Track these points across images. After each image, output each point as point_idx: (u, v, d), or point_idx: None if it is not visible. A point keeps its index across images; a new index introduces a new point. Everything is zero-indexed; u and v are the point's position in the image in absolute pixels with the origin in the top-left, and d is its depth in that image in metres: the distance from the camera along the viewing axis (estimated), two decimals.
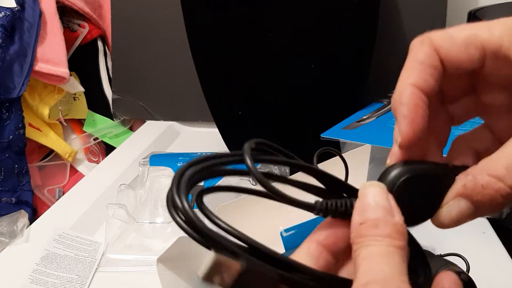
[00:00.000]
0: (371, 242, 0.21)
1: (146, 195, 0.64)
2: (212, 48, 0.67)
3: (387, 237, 0.20)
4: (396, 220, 0.21)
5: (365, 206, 0.22)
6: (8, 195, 0.71)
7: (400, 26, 0.82)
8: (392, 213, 0.21)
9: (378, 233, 0.21)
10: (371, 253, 0.20)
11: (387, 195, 0.22)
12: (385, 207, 0.21)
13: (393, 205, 0.22)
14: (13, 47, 0.72)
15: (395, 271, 0.20)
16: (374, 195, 0.22)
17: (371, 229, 0.21)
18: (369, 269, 0.20)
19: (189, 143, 0.88)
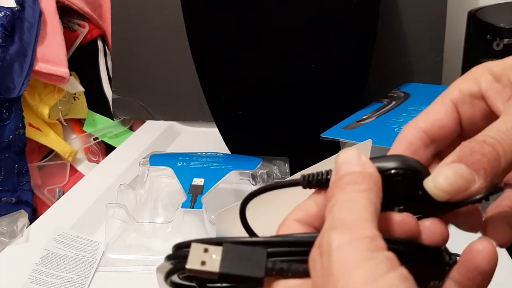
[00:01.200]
0: (336, 192, 0.21)
1: (146, 195, 0.64)
2: (212, 48, 0.67)
3: (350, 183, 0.21)
4: (364, 170, 0.22)
5: (337, 167, 0.22)
6: (8, 195, 0.71)
7: (400, 26, 0.82)
8: (362, 166, 0.22)
9: (343, 183, 0.21)
10: (335, 202, 0.21)
11: (358, 154, 0.22)
12: (354, 162, 0.22)
13: (365, 160, 0.22)
14: (13, 47, 0.72)
15: (358, 215, 0.20)
16: (345, 155, 0.23)
17: (338, 182, 0.22)
18: (331, 218, 0.20)
19: (189, 143, 0.88)
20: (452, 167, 0.22)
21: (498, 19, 0.70)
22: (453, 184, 0.22)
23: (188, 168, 0.63)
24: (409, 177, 0.22)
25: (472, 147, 0.22)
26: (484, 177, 0.22)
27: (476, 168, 0.22)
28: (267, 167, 0.64)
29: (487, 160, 0.21)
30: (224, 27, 0.65)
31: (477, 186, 0.22)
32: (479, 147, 0.22)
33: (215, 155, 0.67)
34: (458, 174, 0.22)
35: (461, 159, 0.22)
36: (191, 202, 0.57)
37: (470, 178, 0.22)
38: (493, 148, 0.21)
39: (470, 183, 0.22)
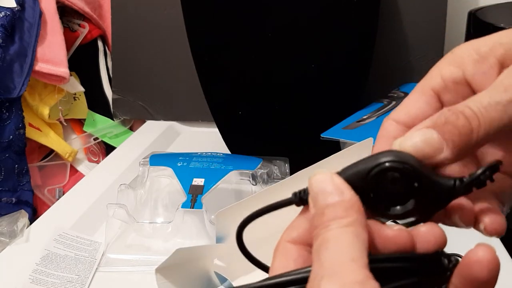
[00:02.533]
0: (320, 231, 0.20)
1: (146, 195, 0.64)
2: (212, 48, 0.67)
3: (333, 220, 0.20)
4: (343, 197, 0.20)
5: (313, 197, 0.21)
6: (8, 195, 0.71)
7: (400, 26, 0.82)
8: (340, 192, 0.21)
9: (325, 220, 0.20)
10: (320, 242, 0.20)
11: (331, 178, 0.21)
12: (330, 191, 0.21)
13: (339, 184, 0.21)
14: (13, 47, 0.72)
15: (346, 256, 0.19)
16: (318, 183, 0.21)
17: (320, 218, 0.20)
18: (319, 263, 0.19)
19: (189, 143, 0.88)
20: (423, 133, 0.21)
21: (498, 19, 0.70)
22: (419, 149, 0.21)
23: (188, 168, 0.63)
24: (403, 171, 0.21)
25: (447, 116, 0.21)
26: (451, 148, 0.21)
27: (446, 138, 0.21)
28: (267, 167, 0.64)
29: (458, 133, 0.21)
30: (224, 27, 0.65)
31: (443, 156, 0.21)
32: (455, 117, 0.21)
33: (215, 155, 0.67)
34: (426, 141, 0.21)
35: (435, 126, 0.21)
36: (191, 202, 0.57)
37: (438, 147, 0.21)
38: (468, 122, 0.21)
39: (437, 151, 0.21)
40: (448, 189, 0.21)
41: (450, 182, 0.21)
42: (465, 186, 0.21)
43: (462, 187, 0.21)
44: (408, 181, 0.21)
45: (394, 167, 0.21)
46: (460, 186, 0.21)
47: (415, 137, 0.21)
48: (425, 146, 0.21)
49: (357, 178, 0.21)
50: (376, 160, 0.21)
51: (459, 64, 0.24)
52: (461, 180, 0.21)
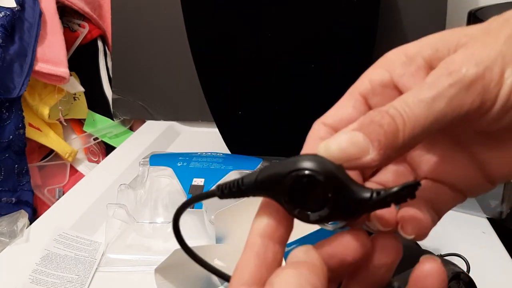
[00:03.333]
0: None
1: (146, 195, 0.64)
2: (212, 48, 0.67)
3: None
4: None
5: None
6: (8, 195, 0.71)
7: (400, 26, 0.82)
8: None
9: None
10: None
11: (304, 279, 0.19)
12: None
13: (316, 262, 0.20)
14: (13, 47, 0.72)
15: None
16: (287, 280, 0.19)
17: None
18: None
19: (189, 143, 0.88)
20: (348, 134, 0.20)
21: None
22: (343, 150, 0.20)
23: (188, 168, 0.63)
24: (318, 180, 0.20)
25: (372, 116, 0.20)
26: (378, 149, 0.20)
27: (372, 139, 0.20)
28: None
29: (384, 132, 0.20)
30: (224, 27, 0.65)
31: (369, 158, 0.20)
32: (380, 117, 0.20)
33: (215, 155, 0.67)
34: (351, 141, 0.20)
35: (361, 127, 0.20)
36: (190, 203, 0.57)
37: (364, 148, 0.20)
38: (393, 120, 0.20)
39: (362, 153, 0.20)
40: (363, 200, 0.20)
41: (367, 193, 0.20)
42: (381, 199, 0.20)
43: (378, 200, 0.20)
44: (322, 190, 0.20)
45: (309, 175, 0.20)
46: (377, 198, 0.20)
47: (341, 138, 0.20)
48: (350, 147, 0.20)
49: (274, 181, 0.21)
50: (294, 165, 0.21)
51: (388, 67, 0.23)
52: (378, 192, 0.20)
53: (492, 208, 0.61)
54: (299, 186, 0.20)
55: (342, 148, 0.20)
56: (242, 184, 0.22)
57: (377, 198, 0.20)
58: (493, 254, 0.56)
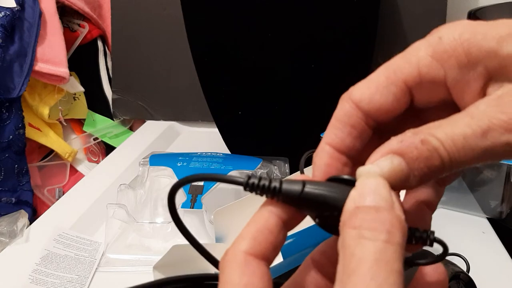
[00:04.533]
0: (366, 232, 0.17)
1: (146, 195, 0.64)
2: (212, 48, 0.67)
3: (385, 232, 0.17)
4: (396, 213, 0.18)
5: (364, 193, 0.18)
6: (8, 195, 0.71)
7: (400, 26, 0.82)
8: (392, 205, 0.18)
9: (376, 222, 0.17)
10: (363, 251, 0.17)
11: (390, 190, 0.18)
12: (387, 199, 0.18)
13: (395, 200, 0.18)
14: (13, 47, 0.72)
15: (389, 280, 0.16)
16: (375, 186, 0.18)
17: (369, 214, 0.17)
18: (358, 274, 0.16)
19: (189, 143, 0.88)
20: (390, 161, 0.19)
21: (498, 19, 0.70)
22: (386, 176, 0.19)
23: (188, 168, 0.63)
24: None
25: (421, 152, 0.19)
26: (418, 179, 0.19)
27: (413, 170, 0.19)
28: (267, 167, 0.64)
29: (429, 171, 0.19)
30: (224, 28, 0.65)
31: (408, 186, 0.19)
32: (428, 156, 0.19)
33: (215, 155, 0.67)
34: (393, 170, 0.19)
35: (403, 154, 0.19)
36: (191, 202, 0.57)
37: (406, 179, 0.19)
38: (442, 161, 0.19)
39: (403, 183, 0.19)
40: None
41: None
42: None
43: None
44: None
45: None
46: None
47: (383, 166, 0.19)
48: (392, 177, 0.19)
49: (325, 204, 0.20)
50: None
51: (443, 62, 0.20)
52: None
53: (492, 208, 0.61)
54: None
55: (385, 174, 0.19)
56: (278, 191, 0.21)
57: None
58: (493, 254, 0.56)
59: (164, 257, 0.46)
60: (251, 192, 0.21)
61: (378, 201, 0.18)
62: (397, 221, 0.17)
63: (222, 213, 0.50)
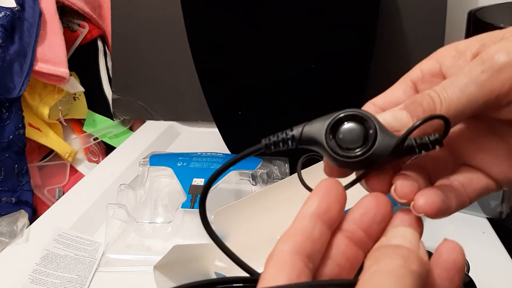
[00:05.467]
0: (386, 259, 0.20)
1: (146, 195, 0.64)
2: (212, 48, 0.67)
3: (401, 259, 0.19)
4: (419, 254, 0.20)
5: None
6: (8, 195, 0.71)
7: (400, 26, 0.82)
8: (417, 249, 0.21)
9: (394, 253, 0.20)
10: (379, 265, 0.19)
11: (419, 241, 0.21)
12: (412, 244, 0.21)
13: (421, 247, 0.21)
14: (13, 47, 0.72)
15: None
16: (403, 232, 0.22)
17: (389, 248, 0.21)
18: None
19: (189, 143, 0.88)
20: (394, 111, 0.24)
21: (498, 19, 0.70)
22: (388, 123, 0.23)
23: (188, 168, 0.63)
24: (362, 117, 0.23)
25: (415, 98, 0.24)
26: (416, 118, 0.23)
27: (412, 115, 0.23)
28: (267, 167, 0.64)
29: (423, 110, 0.23)
30: (224, 27, 0.65)
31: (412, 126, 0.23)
32: (421, 98, 0.24)
33: (215, 155, 0.67)
34: (395, 116, 0.24)
35: (405, 107, 0.24)
36: (191, 202, 0.57)
37: (405, 122, 0.23)
38: (432, 100, 0.23)
39: (403, 126, 0.23)
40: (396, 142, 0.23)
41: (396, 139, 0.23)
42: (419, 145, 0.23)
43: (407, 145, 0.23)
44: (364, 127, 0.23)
45: (353, 114, 0.24)
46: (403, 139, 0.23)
47: (386, 114, 0.24)
48: (393, 121, 0.23)
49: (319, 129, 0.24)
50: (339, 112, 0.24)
51: (438, 59, 0.26)
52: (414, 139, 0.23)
53: (492, 208, 0.61)
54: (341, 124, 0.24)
55: (387, 121, 0.23)
56: (291, 141, 0.24)
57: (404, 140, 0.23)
58: (493, 254, 0.56)
59: (165, 257, 0.46)
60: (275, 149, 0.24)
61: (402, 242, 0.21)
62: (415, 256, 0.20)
63: (222, 213, 0.50)
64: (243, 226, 0.49)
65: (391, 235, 0.22)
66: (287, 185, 0.53)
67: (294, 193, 0.46)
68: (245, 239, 0.47)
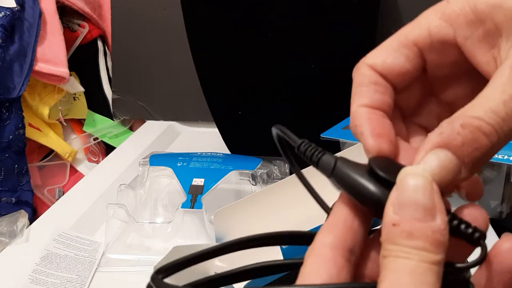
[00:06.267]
0: (401, 254, 0.17)
1: (146, 195, 0.64)
2: (212, 48, 0.67)
3: (421, 250, 0.17)
4: (436, 226, 0.17)
5: (403, 201, 0.18)
6: (8, 195, 0.71)
7: (400, 26, 0.81)
8: (433, 213, 0.17)
9: (412, 245, 0.17)
10: (400, 267, 0.17)
11: (432, 189, 0.18)
12: (426, 207, 0.17)
13: (437, 202, 0.18)
14: (13, 47, 0.72)
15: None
16: (416, 188, 0.18)
17: (404, 239, 0.17)
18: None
19: (189, 143, 0.88)
20: (437, 157, 0.19)
21: None
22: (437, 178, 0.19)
23: (188, 168, 0.63)
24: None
25: (464, 137, 0.18)
26: (470, 169, 0.19)
27: (466, 162, 0.19)
28: (267, 167, 0.64)
29: (480, 154, 0.18)
30: (224, 27, 0.65)
31: (461, 177, 0.19)
32: (473, 138, 0.18)
33: (215, 155, 0.67)
34: (443, 167, 0.18)
35: (449, 146, 0.19)
36: (191, 202, 0.57)
37: (457, 171, 0.19)
38: (489, 140, 0.18)
39: (455, 176, 0.19)
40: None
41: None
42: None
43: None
44: None
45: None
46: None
47: (431, 165, 0.19)
48: (444, 175, 0.19)
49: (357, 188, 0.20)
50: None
51: (452, 21, 0.20)
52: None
53: (492, 208, 0.61)
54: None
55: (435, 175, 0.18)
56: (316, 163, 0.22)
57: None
58: None
59: (165, 257, 0.45)
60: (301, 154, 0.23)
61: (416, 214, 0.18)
62: (432, 240, 0.17)
63: (223, 213, 0.50)
64: (244, 226, 0.49)
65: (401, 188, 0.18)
66: (288, 184, 0.53)
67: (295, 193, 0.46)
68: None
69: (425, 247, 0.17)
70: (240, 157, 0.67)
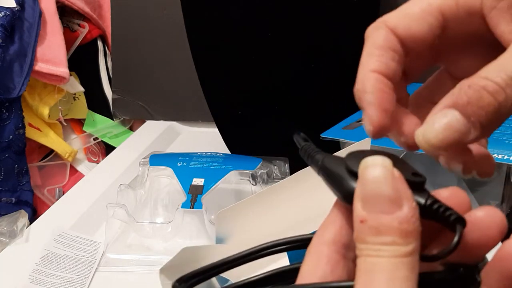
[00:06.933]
0: (371, 252, 0.17)
1: (146, 195, 0.64)
2: (212, 48, 0.67)
3: (390, 245, 0.17)
4: (402, 216, 0.17)
5: (366, 195, 0.17)
6: (8, 195, 0.71)
7: None
8: (399, 202, 0.17)
9: (380, 241, 0.17)
10: (371, 268, 0.17)
11: (393, 176, 0.17)
12: (391, 197, 0.17)
13: (401, 189, 0.17)
14: (13, 47, 0.72)
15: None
16: (377, 180, 0.17)
17: (372, 236, 0.17)
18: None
19: (189, 143, 0.88)
20: (445, 119, 0.19)
21: None
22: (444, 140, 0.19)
23: (188, 168, 0.63)
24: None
25: (469, 96, 0.18)
26: (480, 129, 0.19)
27: (472, 121, 0.19)
28: (267, 167, 0.64)
29: (485, 113, 0.18)
30: (224, 27, 0.65)
31: (470, 139, 0.19)
32: (477, 96, 0.18)
33: (215, 155, 0.67)
34: (451, 128, 0.19)
35: (456, 105, 0.19)
36: (191, 202, 0.57)
37: (465, 131, 0.19)
38: (495, 98, 0.18)
39: (464, 136, 0.19)
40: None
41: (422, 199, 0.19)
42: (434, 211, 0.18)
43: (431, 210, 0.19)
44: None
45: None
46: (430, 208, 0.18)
47: (439, 125, 0.19)
48: (450, 135, 0.19)
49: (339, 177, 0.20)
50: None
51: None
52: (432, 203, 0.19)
53: None
54: None
55: (443, 139, 0.19)
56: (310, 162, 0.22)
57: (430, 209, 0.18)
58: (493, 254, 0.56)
59: (173, 259, 0.45)
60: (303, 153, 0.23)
61: (381, 207, 0.17)
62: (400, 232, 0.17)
63: (225, 214, 0.50)
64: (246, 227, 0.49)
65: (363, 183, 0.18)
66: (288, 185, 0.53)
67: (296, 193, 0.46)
68: (249, 240, 0.47)
69: (394, 241, 0.17)
70: (240, 157, 0.67)
